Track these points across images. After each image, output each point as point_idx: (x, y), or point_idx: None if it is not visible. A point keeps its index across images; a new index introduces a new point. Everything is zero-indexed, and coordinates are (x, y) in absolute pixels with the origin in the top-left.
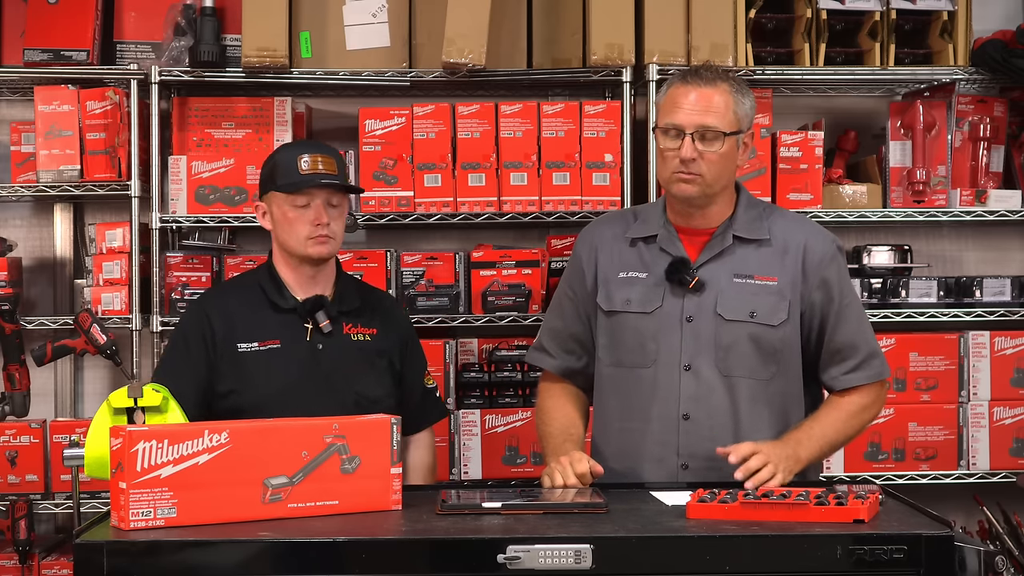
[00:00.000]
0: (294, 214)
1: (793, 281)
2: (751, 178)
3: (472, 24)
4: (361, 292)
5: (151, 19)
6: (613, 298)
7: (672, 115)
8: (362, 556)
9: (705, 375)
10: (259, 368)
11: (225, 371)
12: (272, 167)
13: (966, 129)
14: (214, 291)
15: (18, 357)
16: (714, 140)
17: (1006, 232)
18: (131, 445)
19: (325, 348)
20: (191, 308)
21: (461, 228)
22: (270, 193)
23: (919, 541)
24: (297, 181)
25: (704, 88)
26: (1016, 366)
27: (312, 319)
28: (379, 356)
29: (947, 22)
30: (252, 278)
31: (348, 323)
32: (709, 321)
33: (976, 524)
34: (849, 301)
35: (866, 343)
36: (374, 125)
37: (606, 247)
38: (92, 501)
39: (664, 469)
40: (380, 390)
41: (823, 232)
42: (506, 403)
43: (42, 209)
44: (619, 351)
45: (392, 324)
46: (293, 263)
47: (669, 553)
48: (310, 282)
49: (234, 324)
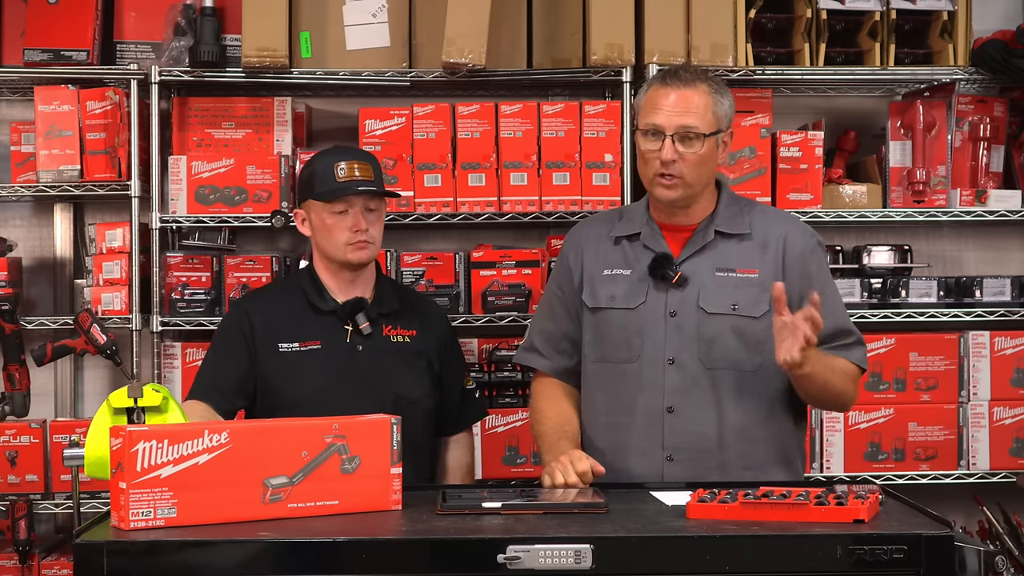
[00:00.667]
0: (332, 221)
1: (775, 273)
2: (751, 178)
3: (472, 24)
4: (400, 294)
5: (151, 19)
6: (598, 295)
7: (652, 116)
8: (362, 556)
9: (689, 368)
10: (300, 368)
11: (266, 369)
12: (310, 175)
13: (966, 129)
14: (256, 293)
15: (18, 357)
16: (694, 141)
17: (1006, 232)
18: (131, 445)
19: (365, 349)
20: (232, 308)
21: (461, 228)
22: (308, 200)
23: (919, 541)
24: (334, 189)
25: (683, 89)
26: (1016, 366)
27: (352, 321)
28: (418, 357)
29: (947, 22)
30: (294, 281)
31: (388, 325)
32: (692, 315)
33: (976, 524)
34: (831, 292)
35: (849, 331)
36: (374, 125)
37: (591, 246)
38: (92, 501)
39: (649, 462)
40: (419, 391)
41: (803, 226)
42: (506, 403)
43: (42, 209)
44: (604, 347)
45: (431, 326)
46: (333, 267)
47: (669, 553)
48: (350, 285)
49: (275, 324)
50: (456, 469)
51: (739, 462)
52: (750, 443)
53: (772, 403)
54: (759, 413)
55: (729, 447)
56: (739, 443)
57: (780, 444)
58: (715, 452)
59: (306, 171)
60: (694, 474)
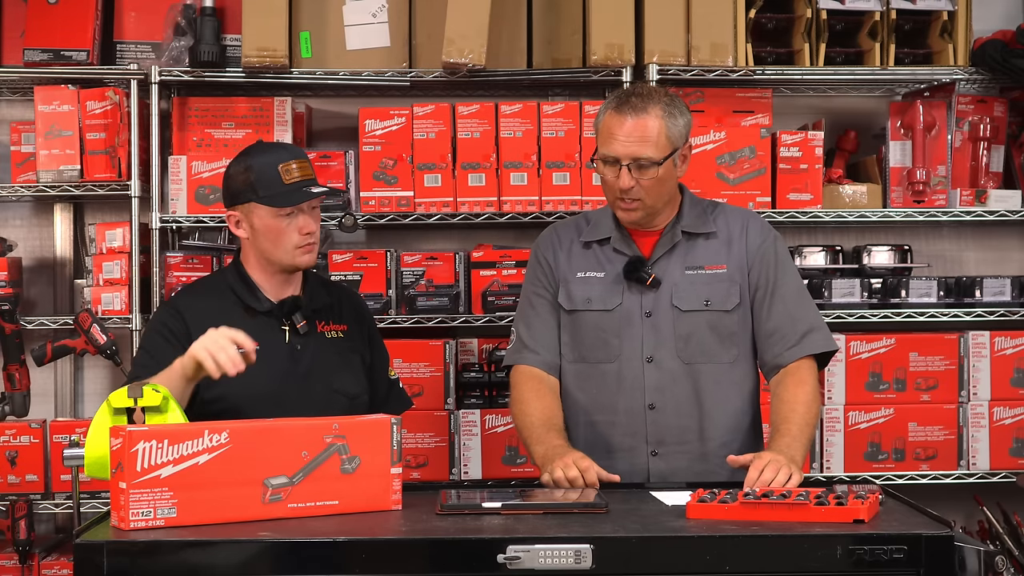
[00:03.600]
0: (280, 224)
1: (740, 266)
2: (751, 178)
3: (472, 24)
4: (327, 288)
5: (151, 19)
6: (574, 297)
7: (608, 146)
8: (362, 556)
9: (668, 365)
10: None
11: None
12: (249, 176)
13: (966, 129)
14: (185, 293)
15: (18, 357)
16: (648, 168)
17: (1006, 232)
18: (131, 445)
19: (303, 348)
20: (162, 309)
21: (461, 228)
22: (250, 203)
23: (919, 541)
24: (285, 192)
25: (636, 118)
26: (1016, 366)
27: (289, 321)
28: (352, 352)
29: (947, 22)
30: (220, 281)
31: (320, 321)
32: (667, 314)
33: (976, 524)
34: (788, 282)
35: (802, 319)
36: (374, 125)
37: (564, 249)
38: (92, 501)
39: (634, 458)
40: (358, 386)
41: (761, 220)
42: (506, 403)
43: (42, 209)
44: (581, 348)
45: (359, 318)
46: (270, 269)
47: (669, 553)
48: (284, 284)
49: (207, 327)
50: None
51: (721, 451)
52: (732, 432)
53: (750, 391)
54: (738, 402)
55: (711, 438)
56: (721, 433)
57: (753, 421)
58: (697, 443)
59: (240, 172)
60: (678, 465)
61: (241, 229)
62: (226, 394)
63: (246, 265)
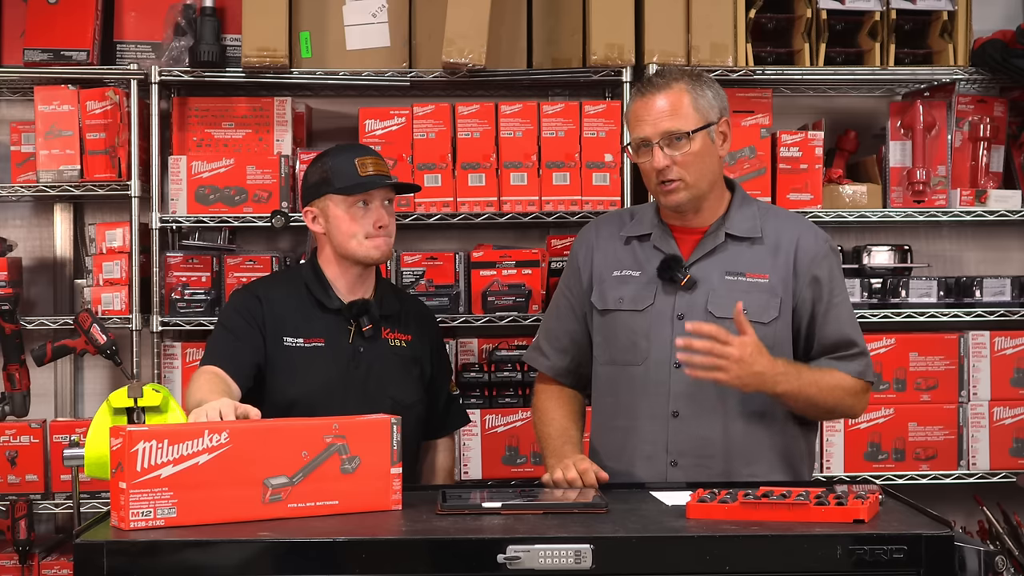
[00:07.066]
0: (354, 215)
1: (784, 278)
2: (751, 178)
3: (472, 24)
4: (398, 296)
5: (151, 19)
6: (607, 297)
7: (637, 129)
8: (362, 556)
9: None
10: (302, 364)
11: (270, 360)
12: (325, 171)
13: (966, 129)
14: (262, 282)
15: (18, 357)
16: (681, 142)
17: (1006, 232)
18: (131, 445)
19: (366, 351)
20: (241, 293)
21: (461, 228)
22: (325, 196)
23: (919, 541)
24: (362, 182)
25: (659, 94)
26: (1016, 366)
27: (356, 322)
28: (413, 363)
29: (947, 22)
30: (296, 275)
31: (387, 328)
32: (700, 319)
33: (976, 524)
34: (840, 300)
35: (855, 342)
36: (374, 125)
37: (602, 246)
38: (92, 501)
39: (653, 466)
40: (414, 396)
41: (816, 230)
42: (506, 403)
43: (42, 209)
44: (612, 349)
45: (425, 330)
46: (344, 265)
47: (669, 553)
48: (356, 284)
49: (282, 317)
50: (440, 471)
51: (744, 469)
52: (755, 450)
53: (778, 409)
54: (765, 419)
55: (734, 454)
56: (744, 450)
57: (785, 451)
58: (719, 459)
59: (318, 169)
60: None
61: (317, 224)
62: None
63: (321, 261)
